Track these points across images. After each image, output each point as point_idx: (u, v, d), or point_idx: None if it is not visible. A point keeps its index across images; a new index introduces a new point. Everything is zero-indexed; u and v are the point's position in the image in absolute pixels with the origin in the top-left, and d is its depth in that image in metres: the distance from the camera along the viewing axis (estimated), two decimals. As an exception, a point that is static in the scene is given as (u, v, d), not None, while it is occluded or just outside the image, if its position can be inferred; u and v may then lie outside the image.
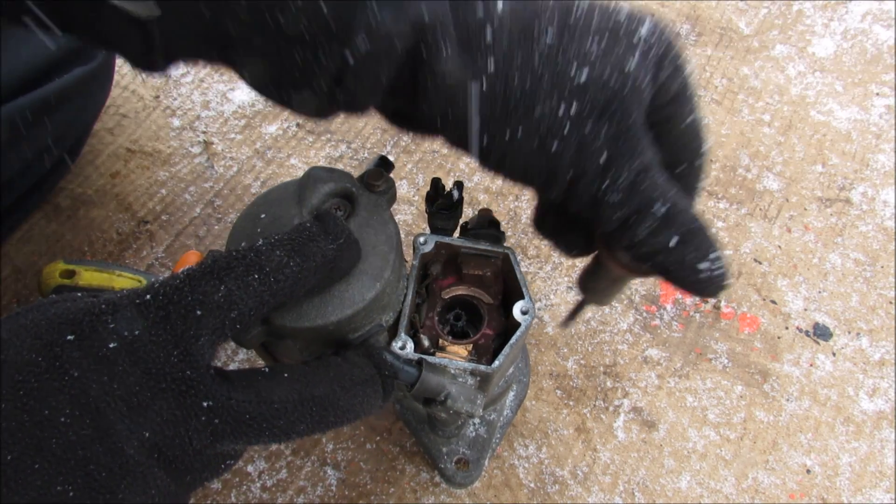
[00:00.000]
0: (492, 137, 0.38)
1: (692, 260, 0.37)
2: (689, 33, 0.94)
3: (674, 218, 0.37)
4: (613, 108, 0.36)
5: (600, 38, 0.36)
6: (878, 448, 0.68)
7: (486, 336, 0.51)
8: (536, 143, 0.37)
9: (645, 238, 0.37)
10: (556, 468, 0.66)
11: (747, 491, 0.66)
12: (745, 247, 0.79)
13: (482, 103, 0.37)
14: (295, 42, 0.35)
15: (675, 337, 0.73)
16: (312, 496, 0.64)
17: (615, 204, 0.37)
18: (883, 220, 0.81)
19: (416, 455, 0.66)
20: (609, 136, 0.36)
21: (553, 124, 0.36)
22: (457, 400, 0.46)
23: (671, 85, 0.38)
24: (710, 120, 0.87)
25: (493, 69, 0.36)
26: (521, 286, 0.49)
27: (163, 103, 0.86)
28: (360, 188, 0.45)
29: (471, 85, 0.36)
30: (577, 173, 0.37)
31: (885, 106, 0.89)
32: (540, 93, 0.36)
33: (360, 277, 0.42)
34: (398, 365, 0.43)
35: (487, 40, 0.36)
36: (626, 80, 0.36)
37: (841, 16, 0.97)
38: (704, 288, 0.38)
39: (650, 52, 0.37)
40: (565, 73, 0.36)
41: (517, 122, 0.37)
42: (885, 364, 0.72)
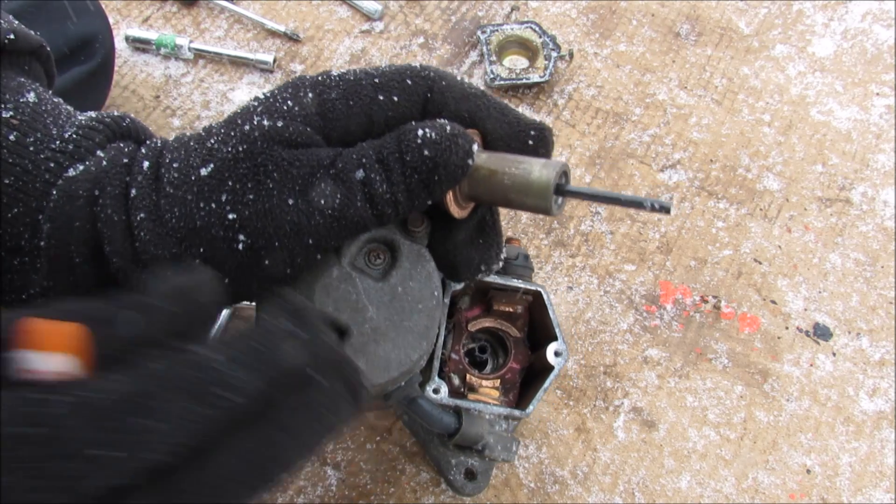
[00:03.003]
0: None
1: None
2: (689, 33, 0.94)
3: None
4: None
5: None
6: (878, 448, 0.68)
7: (513, 370, 0.50)
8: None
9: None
10: (556, 468, 0.66)
11: (747, 491, 0.66)
12: (745, 247, 0.79)
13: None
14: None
15: (675, 337, 0.73)
16: (312, 496, 0.64)
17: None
18: (883, 220, 0.81)
19: (416, 455, 0.66)
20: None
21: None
22: (494, 449, 0.45)
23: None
24: (710, 120, 0.87)
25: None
26: (553, 327, 0.48)
27: (163, 103, 0.86)
28: (400, 234, 0.42)
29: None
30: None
31: (885, 106, 0.89)
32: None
33: (405, 336, 0.40)
34: (436, 415, 0.42)
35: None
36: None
37: (841, 16, 0.97)
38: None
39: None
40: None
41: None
42: (885, 364, 0.72)
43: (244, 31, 0.90)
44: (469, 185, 0.40)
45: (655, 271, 0.77)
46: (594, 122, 0.86)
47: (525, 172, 0.38)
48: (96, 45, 0.73)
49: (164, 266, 0.38)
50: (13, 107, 0.40)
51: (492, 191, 0.39)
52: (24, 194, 0.39)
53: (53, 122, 0.41)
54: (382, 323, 0.40)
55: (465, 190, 0.41)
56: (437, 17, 0.93)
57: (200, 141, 0.40)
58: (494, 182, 0.39)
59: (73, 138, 0.40)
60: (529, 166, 0.38)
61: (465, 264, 0.44)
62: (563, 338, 0.47)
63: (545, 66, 0.87)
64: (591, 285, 0.76)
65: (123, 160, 0.40)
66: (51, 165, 0.39)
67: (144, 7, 0.91)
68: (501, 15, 0.94)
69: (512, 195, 0.39)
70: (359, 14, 0.93)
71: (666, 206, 0.36)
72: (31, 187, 0.39)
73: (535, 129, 0.41)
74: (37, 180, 0.39)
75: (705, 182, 0.83)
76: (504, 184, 0.39)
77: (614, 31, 0.93)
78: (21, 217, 0.39)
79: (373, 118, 0.40)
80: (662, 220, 0.80)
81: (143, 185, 0.39)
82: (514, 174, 0.38)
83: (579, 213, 0.80)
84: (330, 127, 0.39)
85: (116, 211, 0.38)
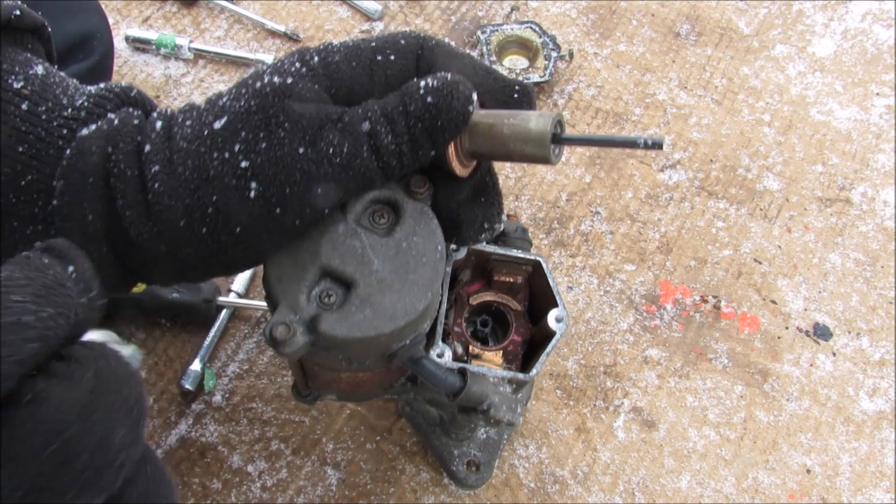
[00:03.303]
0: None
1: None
2: (689, 33, 0.94)
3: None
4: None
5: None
6: (878, 448, 0.68)
7: (515, 342, 0.51)
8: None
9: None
10: (556, 468, 0.66)
11: (747, 491, 0.66)
12: (745, 247, 0.79)
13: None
14: None
15: (675, 337, 0.73)
16: (312, 496, 0.64)
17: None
18: (883, 220, 0.81)
19: (416, 455, 0.66)
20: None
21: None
22: (499, 409, 0.45)
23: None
24: (710, 120, 0.87)
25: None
26: (554, 294, 0.49)
27: (163, 103, 0.86)
28: (403, 196, 0.44)
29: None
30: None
31: (885, 106, 0.89)
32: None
33: (411, 288, 0.41)
34: (441, 375, 0.43)
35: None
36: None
37: (841, 16, 0.97)
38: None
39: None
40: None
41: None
42: (885, 364, 0.72)
43: (244, 31, 0.90)
44: (470, 140, 0.42)
45: (655, 271, 0.77)
46: (594, 122, 0.86)
47: (523, 122, 0.40)
48: (94, 42, 0.73)
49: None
50: (23, 78, 0.41)
51: (492, 143, 0.41)
52: (38, 161, 0.39)
53: (63, 93, 0.42)
54: (388, 275, 0.41)
55: (467, 145, 0.42)
56: (437, 17, 0.93)
57: (211, 102, 0.41)
58: (494, 133, 0.41)
59: (84, 106, 0.41)
60: (527, 116, 0.40)
61: (469, 222, 0.46)
62: (563, 304, 0.49)
63: (545, 66, 0.87)
64: (591, 285, 0.76)
65: (134, 121, 0.41)
66: (63, 132, 0.40)
67: (144, 7, 0.91)
68: (501, 15, 0.94)
69: (511, 145, 0.41)
70: (359, 14, 0.93)
71: (658, 143, 0.38)
72: (44, 154, 0.40)
73: (518, 84, 0.44)
74: (50, 147, 0.40)
75: (705, 182, 0.83)
76: (504, 134, 0.41)
77: (614, 31, 0.94)
78: (35, 184, 0.39)
79: (374, 77, 0.42)
80: (662, 220, 0.80)
81: (157, 141, 0.40)
82: (512, 124, 0.40)
83: (579, 213, 0.80)
84: (336, 87, 0.41)
85: (129, 166, 0.39)
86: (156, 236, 0.40)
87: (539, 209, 0.80)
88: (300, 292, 0.40)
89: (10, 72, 0.41)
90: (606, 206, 0.80)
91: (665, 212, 0.80)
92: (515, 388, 0.48)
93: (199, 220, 0.39)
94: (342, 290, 0.41)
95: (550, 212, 0.80)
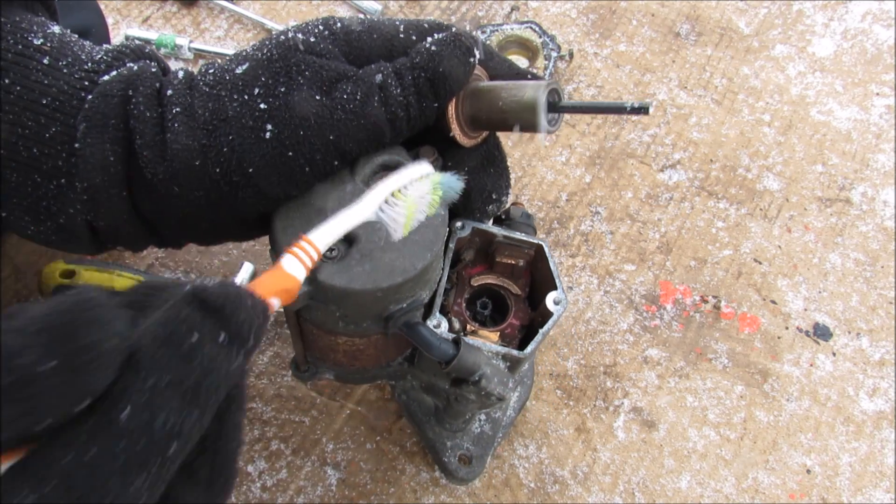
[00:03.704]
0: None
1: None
2: (689, 33, 0.94)
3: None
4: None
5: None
6: (878, 448, 0.68)
7: (513, 325, 0.52)
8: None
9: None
10: (556, 468, 0.66)
11: (747, 491, 0.66)
12: (745, 247, 0.79)
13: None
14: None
15: (675, 337, 0.73)
16: (312, 496, 0.64)
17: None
18: (883, 220, 0.81)
19: (417, 455, 0.66)
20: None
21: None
22: (491, 380, 0.45)
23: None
24: (710, 120, 0.87)
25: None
26: (554, 277, 0.50)
27: (163, 103, 0.86)
28: (412, 161, 0.45)
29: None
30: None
31: (885, 106, 0.89)
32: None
33: (412, 247, 0.42)
34: (434, 342, 0.43)
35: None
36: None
37: (841, 16, 0.97)
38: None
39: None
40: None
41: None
42: (885, 364, 0.72)
43: (244, 31, 0.90)
44: (471, 104, 0.44)
45: (655, 271, 0.77)
46: (594, 121, 0.86)
47: (520, 88, 0.42)
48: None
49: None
50: (42, 35, 0.42)
51: (490, 108, 0.43)
52: (61, 113, 0.40)
53: (81, 50, 0.43)
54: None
55: (468, 109, 0.44)
56: (436, 17, 0.93)
57: (234, 55, 0.43)
58: (493, 98, 0.43)
59: (103, 59, 0.43)
60: (524, 84, 0.43)
61: (478, 190, 0.47)
62: (563, 287, 0.49)
63: (545, 66, 0.87)
64: (591, 285, 0.76)
65: (152, 69, 0.42)
66: (85, 84, 0.41)
67: (144, 7, 0.91)
68: (501, 15, 0.94)
69: (507, 111, 0.42)
70: (359, 14, 0.93)
71: (644, 106, 0.40)
72: (67, 106, 0.41)
73: (531, 75, 0.46)
74: (73, 98, 0.41)
75: (705, 182, 0.83)
76: (501, 97, 0.43)
77: (614, 31, 0.94)
78: (58, 136, 0.40)
79: (392, 53, 0.43)
80: (662, 220, 0.80)
81: (179, 87, 0.42)
82: (510, 90, 0.43)
83: (579, 213, 0.80)
84: (355, 54, 0.43)
85: (149, 108, 0.41)
86: (170, 176, 0.41)
87: (539, 209, 0.80)
88: None
89: (28, 30, 0.42)
90: (606, 206, 0.80)
91: (665, 212, 0.80)
92: (510, 367, 0.49)
93: (213, 159, 0.41)
94: (345, 247, 0.42)
95: (550, 212, 0.80)
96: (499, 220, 0.55)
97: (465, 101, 0.44)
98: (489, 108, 0.43)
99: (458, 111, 0.44)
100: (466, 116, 0.45)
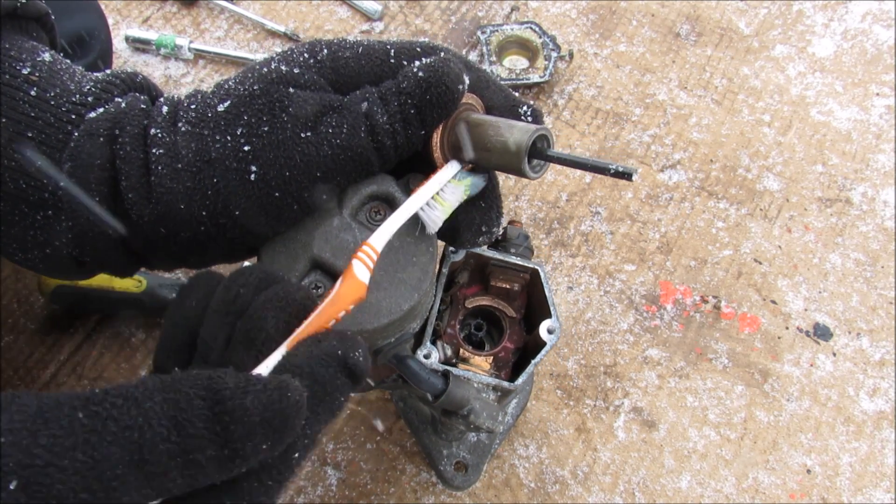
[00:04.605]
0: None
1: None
2: (689, 33, 0.94)
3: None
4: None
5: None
6: (878, 448, 0.68)
7: (507, 349, 0.51)
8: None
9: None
10: (556, 468, 0.66)
11: (747, 491, 0.66)
12: (745, 247, 0.79)
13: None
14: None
15: (675, 337, 0.73)
16: (312, 496, 0.64)
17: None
18: (883, 220, 0.81)
19: (417, 455, 0.66)
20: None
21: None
22: (479, 415, 0.45)
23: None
24: (710, 120, 0.87)
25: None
26: (549, 305, 0.49)
27: (163, 103, 0.86)
28: (401, 193, 0.44)
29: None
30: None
31: (885, 106, 0.89)
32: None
33: (398, 287, 0.41)
34: (423, 375, 0.43)
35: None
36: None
37: (841, 16, 0.97)
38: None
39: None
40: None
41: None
42: (885, 364, 0.72)
43: (244, 31, 0.90)
44: (457, 136, 0.42)
45: (655, 271, 0.77)
46: (594, 122, 0.86)
47: (507, 129, 0.41)
48: (92, 41, 0.73)
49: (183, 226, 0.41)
50: (31, 64, 0.41)
51: (475, 144, 0.42)
52: (47, 146, 0.40)
53: (70, 79, 0.42)
54: (377, 273, 0.41)
55: (454, 140, 0.43)
56: (437, 17, 0.93)
57: (218, 86, 0.42)
58: (479, 134, 0.41)
59: (91, 91, 0.42)
60: (513, 125, 0.41)
61: (467, 225, 0.45)
62: (557, 315, 0.48)
63: (545, 67, 0.87)
64: (591, 285, 0.76)
65: (141, 105, 0.41)
66: (72, 117, 0.41)
67: (144, 7, 0.91)
68: (501, 15, 0.94)
69: (492, 150, 0.41)
70: (359, 14, 0.93)
71: (628, 172, 0.38)
72: (53, 139, 0.40)
73: (528, 106, 0.44)
74: (59, 132, 0.40)
75: (705, 182, 0.83)
76: (487, 135, 0.41)
77: (614, 31, 0.94)
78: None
79: (382, 78, 0.42)
80: (662, 220, 0.80)
81: (162, 125, 0.40)
82: (498, 127, 0.41)
83: (579, 214, 0.80)
84: (342, 82, 0.42)
85: (135, 148, 0.40)
86: (156, 219, 0.40)
87: (539, 209, 0.80)
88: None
89: (17, 59, 0.41)
90: (606, 206, 0.80)
91: (665, 212, 0.80)
92: (501, 395, 0.48)
93: (199, 202, 0.40)
94: (331, 283, 0.41)
95: (550, 212, 0.80)
96: (494, 241, 0.54)
97: (451, 130, 0.43)
98: (475, 144, 0.42)
99: (444, 139, 0.43)
100: (451, 146, 0.43)
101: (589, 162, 0.41)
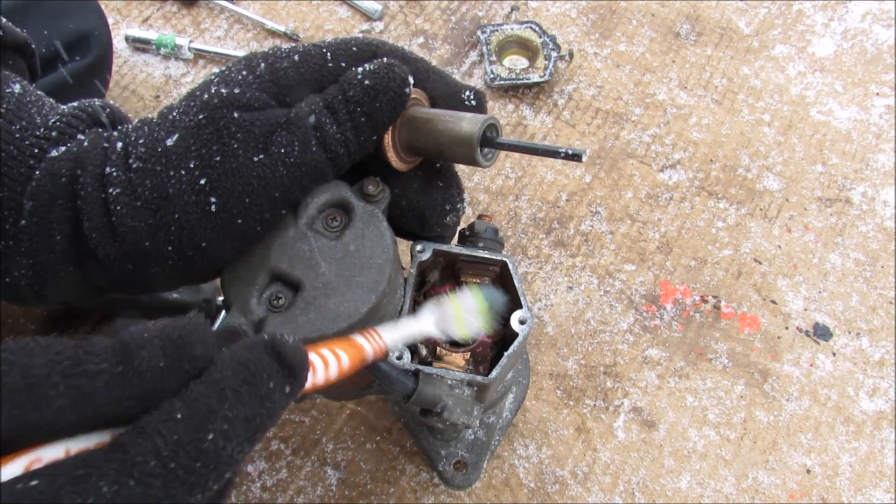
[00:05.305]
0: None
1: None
2: (689, 33, 0.94)
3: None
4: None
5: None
6: (878, 448, 0.68)
7: (484, 344, 0.51)
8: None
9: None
10: (556, 468, 0.66)
11: (747, 491, 0.66)
12: (745, 247, 0.79)
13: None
14: None
15: (675, 337, 0.73)
16: (312, 496, 0.64)
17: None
18: (883, 220, 0.81)
19: (417, 455, 0.66)
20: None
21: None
22: (453, 412, 0.45)
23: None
24: (710, 120, 0.87)
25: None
26: (518, 295, 0.49)
27: (163, 103, 0.86)
28: (356, 198, 0.45)
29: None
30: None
31: (885, 106, 0.89)
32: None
33: (355, 290, 0.42)
34: (394, 376, 0.43)
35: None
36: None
37: (841, 16, 0.97)
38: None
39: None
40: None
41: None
42: (885, 364, 0.72)
43: (244, 31, 0.90)
44: (408, 133, 0.44)
45: (655, 271, 0.77)
46: (594, 122, 0.86)
47: (457, 121, 0.42)
48: (92, 41, 0.73)
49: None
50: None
51: (427, 138, 0.43)
52: (9, 179, 0.40)
53: (37, 112, 0.42)
54: (334, 278, 0.42)
55: (404, 137, 0.44)
56: (437, 17, 0.93)
57: (163, 116, 0.42)
58: (430, 129, 0.43)
59: (56, 125, 0.42)
60: (462, 116, 0.42)
61: (430, 207, 0.47)
62: (527, 306, 0.49)
63: (545, 66, 0.87)
64: (591, 285, 0.76)
65: (104, 143, 0.41)
66: (35, 151, 0.41)
67: (144, 7, 0.91)
68: (501, 15, 0.94)
69: (444, 143, 0.42)
70: (359, 14, 0.93)
71: (577, 154, 0.40)
72: (15, 172, 0.40)
73: (470, 90, 0.45)
74: (21, 165, 0.40)
75: (705, 182, 0.83)
76: (438, 130, 0.42)
77: (614, 31, 0.94)
78: (5, 201, 0.40)
79: (323, 83, 0.42)
80: (662, 220, 0.80)
81: (117, 163, 0.40)
82: (446, 122, 0.42)
83: (579, 213, 0.80)
84: (284, 93, 0.42)
85: (96, 188, 0.40)
86: (122, 257, 0.40)
87: (539, 209, 0.80)
88: (251, 295, 0.41)
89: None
90: (606, 206, 0.80)
91: (665, 212, 0.80)
92: (478, 391, 0.48)
93: (164, 238, 0.40)
94: (291, 294, 0.42)
95: (550, 212, 0.80)
96: (462, 236, 0.54)
97: (401, 128, 0.44)
98: (426, 139, 0.43)
99: (395, 139, 0.44)
100: (403, 144, 0.44)
101: (539, 147, 0.43)
